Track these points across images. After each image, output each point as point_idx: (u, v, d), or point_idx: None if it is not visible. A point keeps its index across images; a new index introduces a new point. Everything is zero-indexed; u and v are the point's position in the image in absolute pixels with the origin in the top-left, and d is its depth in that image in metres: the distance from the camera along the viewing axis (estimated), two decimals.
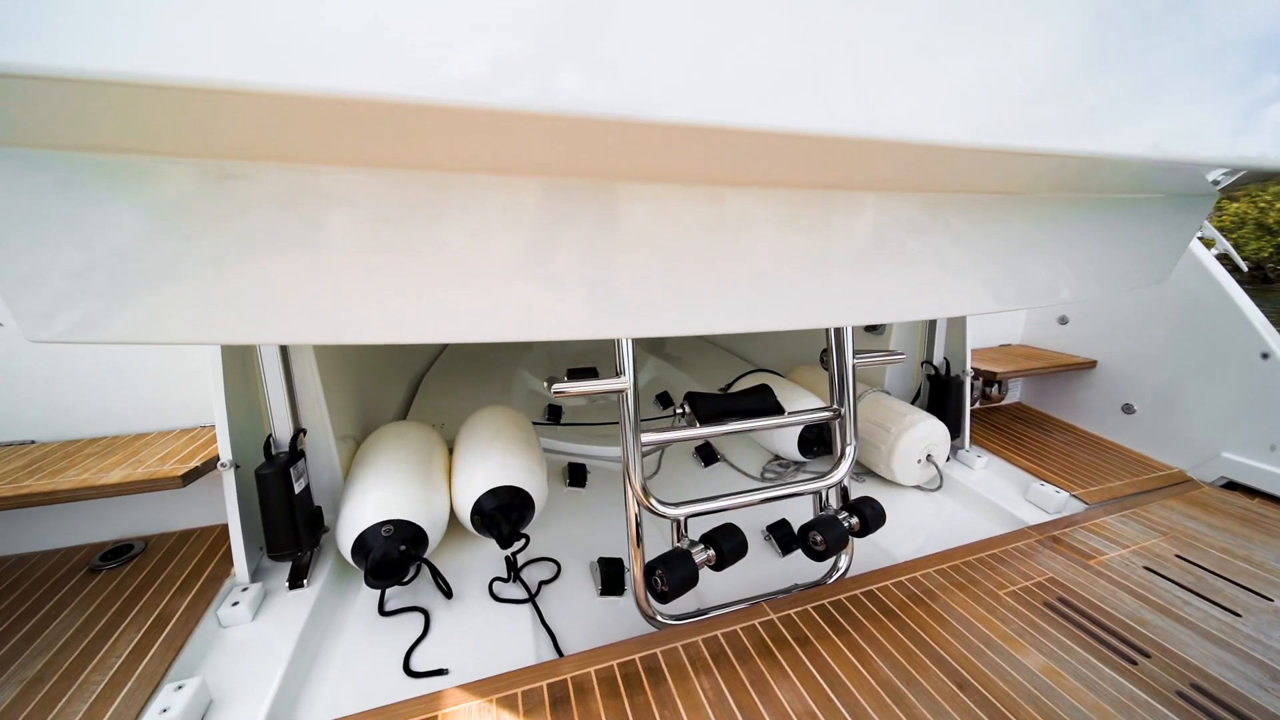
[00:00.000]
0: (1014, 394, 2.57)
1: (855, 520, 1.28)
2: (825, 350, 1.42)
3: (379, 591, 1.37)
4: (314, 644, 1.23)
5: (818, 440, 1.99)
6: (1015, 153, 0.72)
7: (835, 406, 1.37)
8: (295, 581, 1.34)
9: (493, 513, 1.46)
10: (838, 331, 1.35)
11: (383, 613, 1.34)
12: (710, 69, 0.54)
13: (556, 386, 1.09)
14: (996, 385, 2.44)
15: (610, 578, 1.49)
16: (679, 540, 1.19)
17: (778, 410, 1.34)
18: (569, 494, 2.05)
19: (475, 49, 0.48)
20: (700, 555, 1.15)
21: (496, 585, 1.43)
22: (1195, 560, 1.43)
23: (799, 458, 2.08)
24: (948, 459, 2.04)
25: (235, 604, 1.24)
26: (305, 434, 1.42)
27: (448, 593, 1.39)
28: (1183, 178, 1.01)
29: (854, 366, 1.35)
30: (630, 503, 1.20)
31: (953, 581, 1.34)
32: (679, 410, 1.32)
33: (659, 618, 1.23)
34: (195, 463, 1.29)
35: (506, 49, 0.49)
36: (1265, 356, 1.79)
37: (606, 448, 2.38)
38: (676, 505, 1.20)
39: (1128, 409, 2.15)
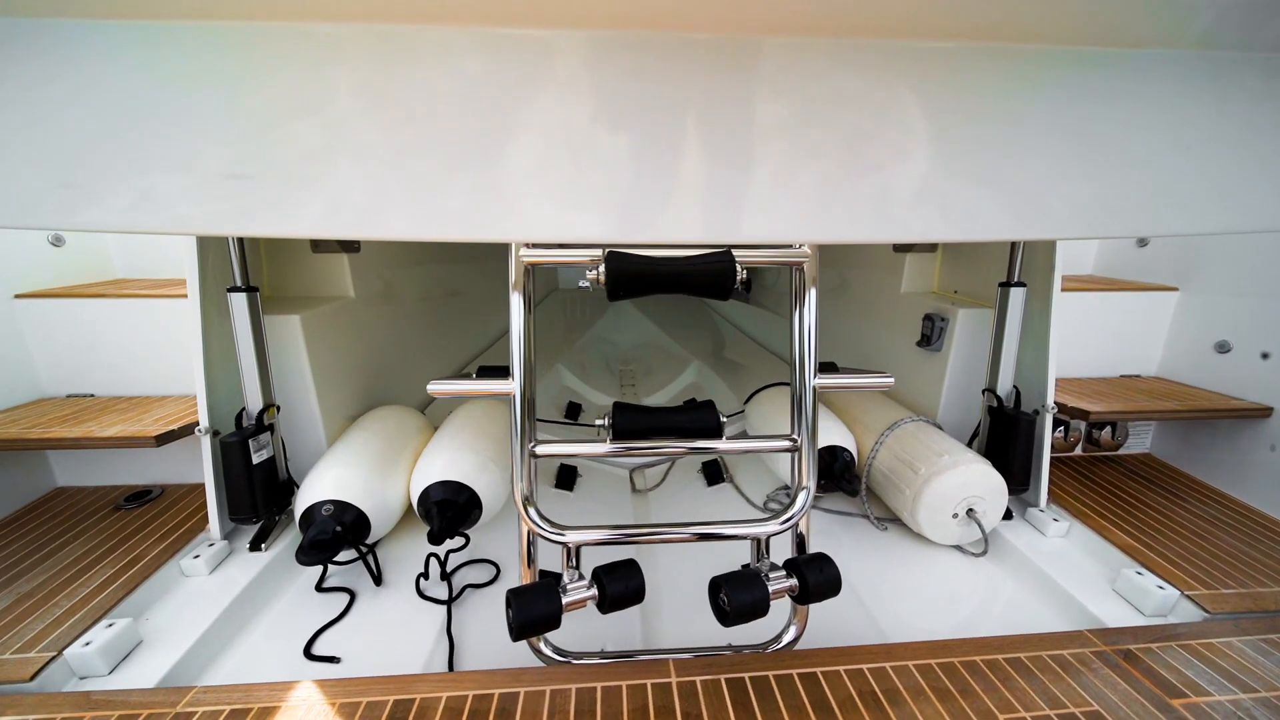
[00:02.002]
0: (1140, 442, 1.92)
1: (793, 583, 1.01)
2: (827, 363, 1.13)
3: (322, 565, 1.43)
4: (250, 607, 1.31)
5: (825, 471, 1.67)
6: None
7: (793, 436, 1.10)
8: (255, 545, 1.45)
9: (430, 507, 1.44)
10: (800, 336, 1.08)
11: (318, 588, 1.39)
12: None
13: (432, 385, 1.01)
14: (1110, 428, 1.84)
15: None
16: (566, 569, 1.04)
17: (714, 433, 1.12)
18: (555, 496, 1.97)
19: None
20: (579, 593, 0.99)
21: (424, 582, 1.41)
22: None
23: None
24: (1006, 517, 1.59)
25: (196, 556, 1.36)
26: (278, 409, 1.52)
27: (376, 580, 1.40)
28: None
29: (815, 387, 1.07)
30: (522, 519, 1.08)
31: (936, 686, 1.00)
32: (600, 421, 1.16)
33: (545, 651, 1.10)
34: (174, 426, 1.45)
35: None
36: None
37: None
38: (569, 530, 1.05)
39: None
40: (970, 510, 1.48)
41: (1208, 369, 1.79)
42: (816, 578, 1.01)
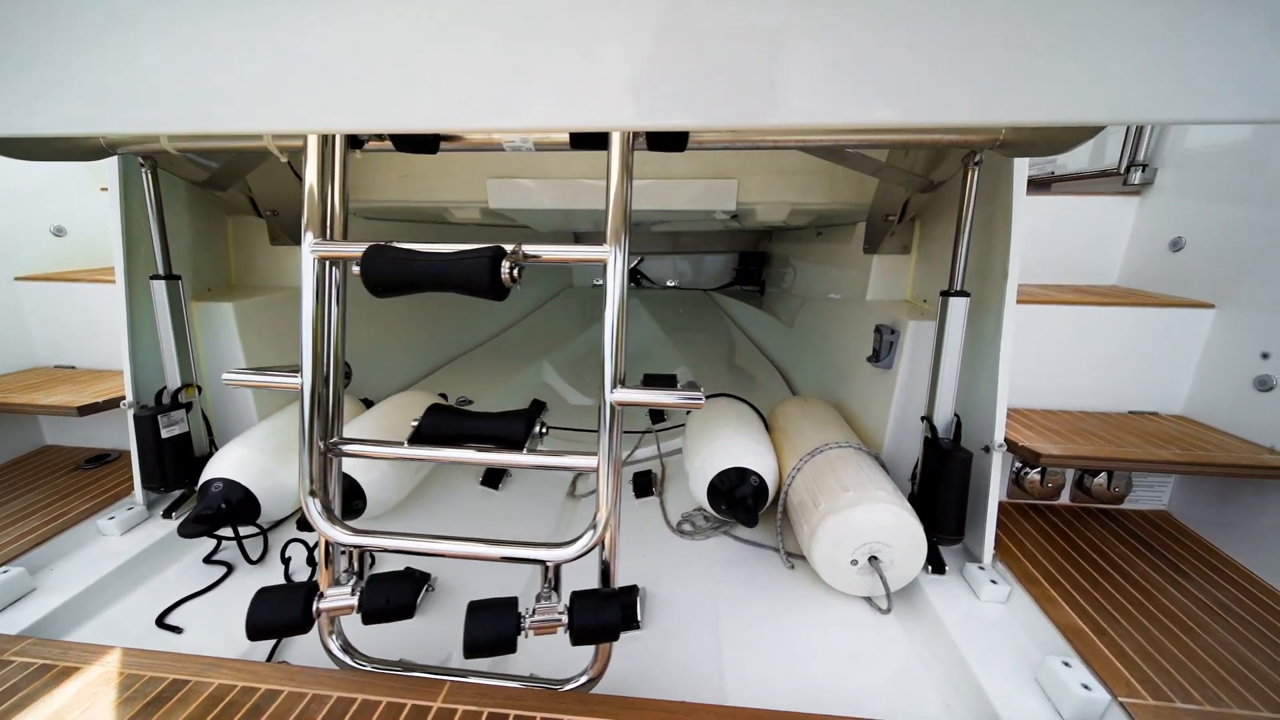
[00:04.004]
0: (1154, 496, 1.53)
1: (560, 619, 0.90)
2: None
3: (208, 538, 1.51)
4: (140, 571, 1.42)
5: (728, 497, 1.50)
6: None
7: (593, 453, 0.99)
8: (168, 513, 1.57)
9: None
10: (604, 343, 0.96)
11: (205, 560, 1.47)
12: None
13: (225, 376, 1.02)
14: (1107, 477, 1.48)
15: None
16: (342, 573, 1.01)
17: (517, 444, 1.03)
18: (480, 494, 1.96)
19: None
20: (339, 600, 0.95)
21: (291, 567, 1.44)
22: None
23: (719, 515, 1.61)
24: (938, 570, 1.34)
25: (112, 518, 1.50)
26: (199, 390, 1.64)
27: (248, 559, 1.46)
28: None
29: (615, 404, 0.95)
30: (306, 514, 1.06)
31: None
32: (413, 422, 1.11)
33: (334, 650, 1.07)
34: (100, 399, 1.61)
35: None
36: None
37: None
38: (358, 533, 1.02)
39: None
40: (873, 558, 1.26)
41: (1245, 410, 1.38)
42: (586, 620, 0.89)
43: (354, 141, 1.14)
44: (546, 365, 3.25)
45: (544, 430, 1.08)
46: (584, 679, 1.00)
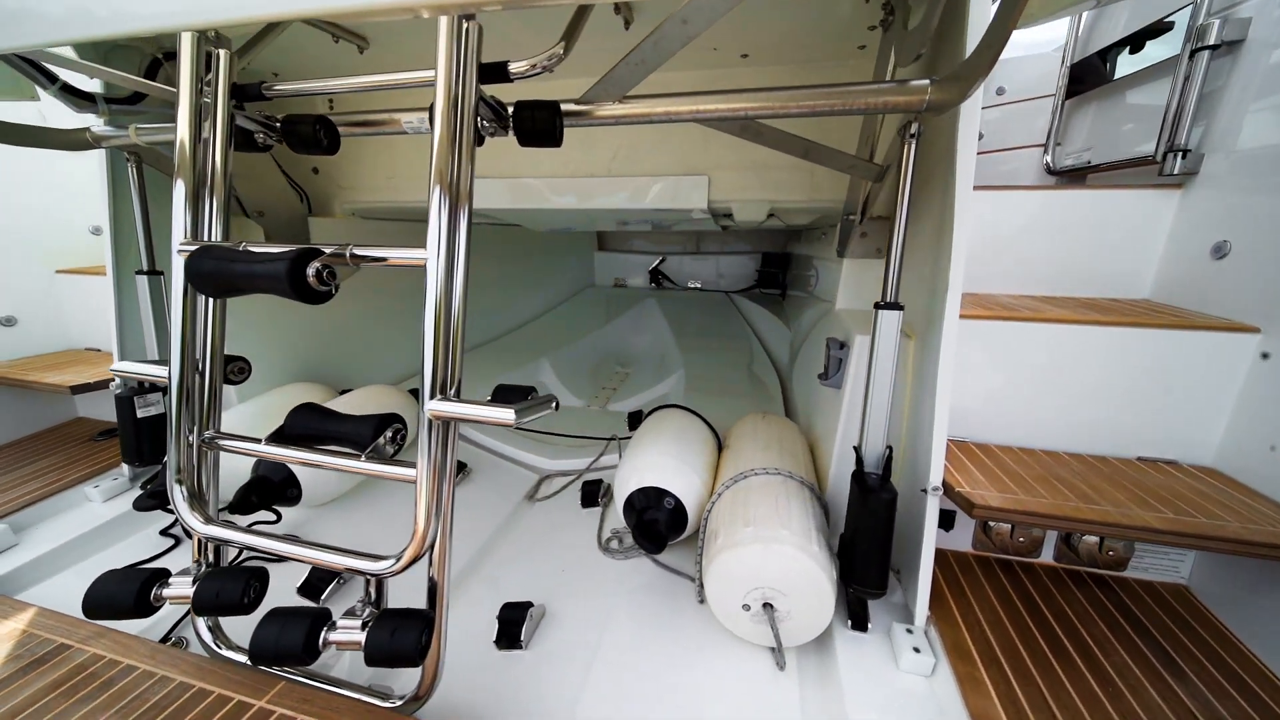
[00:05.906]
0: (1172, 566, 1.21)
1: (357, 638, 0.86)
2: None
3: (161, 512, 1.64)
4: (106, 538, 1.57)
5: (638, 520, 1.39)
6: None
7: (411, 464, 0.94)
8: (144, 485, 1.73)
9: (253, 479, 1.56)
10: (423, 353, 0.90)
11: (160, 532, 1.61)
12: None
13: (110, 367, 1.08)
14: (1098, 540, 1.20)
15: (311, 583, 1.41)
16: (199, 559, 1.04)
17: (359, 447, 1.00)
18: None
19: None
20: (180, 589, 0.98)
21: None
22: None
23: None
24: (859, 626, 1.15)
25: (97, 486, 1.68)
26: None
27: (188, 534, 1.56)
28: None
29: (431, 416, 0.89)
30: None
31: None
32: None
33: (204, 637, 1.10)
34: (93, 380, 1.79)
35: None
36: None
37: (529, 454, 2.21)
38: (210, 523, 1.05)
39: None
40: (767, 605, 1.10)
41: None
42: (379, 641, 0.85)
43: (246, 140, 1.17)
44: (545, 364, 3.26)
45: (398, 436, 1.05)
46: (399, 701, 0.96)
